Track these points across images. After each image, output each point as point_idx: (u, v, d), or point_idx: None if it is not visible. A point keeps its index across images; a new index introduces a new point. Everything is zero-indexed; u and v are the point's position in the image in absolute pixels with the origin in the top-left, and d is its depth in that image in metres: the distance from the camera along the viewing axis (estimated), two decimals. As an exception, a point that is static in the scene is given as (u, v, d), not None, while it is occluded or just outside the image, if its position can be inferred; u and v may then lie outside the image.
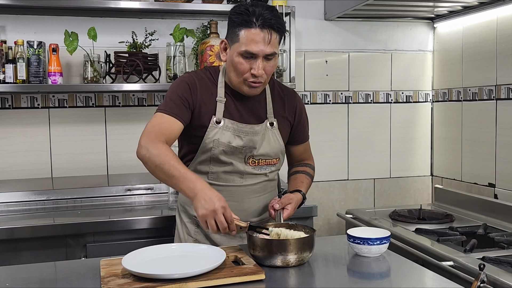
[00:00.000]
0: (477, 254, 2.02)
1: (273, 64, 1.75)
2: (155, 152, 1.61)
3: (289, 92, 1.97)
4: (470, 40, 3.04)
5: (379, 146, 3.40)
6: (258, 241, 1.53)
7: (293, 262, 1.50)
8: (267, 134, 1.84)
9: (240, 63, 1.71)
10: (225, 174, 1.82)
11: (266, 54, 1.69)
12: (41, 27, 2.78)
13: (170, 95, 1.77)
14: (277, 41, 1.71)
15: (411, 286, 1.40)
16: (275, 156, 1.88)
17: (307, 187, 1.96)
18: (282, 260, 1.49)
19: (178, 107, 1.73)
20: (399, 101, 3.41)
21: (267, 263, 1.51)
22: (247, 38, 1.67)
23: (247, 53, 1.69)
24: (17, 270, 1.57)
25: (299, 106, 1.97)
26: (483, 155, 2.95)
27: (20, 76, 2.55)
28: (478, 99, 2.99)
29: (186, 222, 1.92)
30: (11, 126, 2.79)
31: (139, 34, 2.78)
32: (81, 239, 2.27)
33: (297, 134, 1.97)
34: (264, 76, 1.73)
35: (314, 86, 3.25)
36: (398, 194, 3.45)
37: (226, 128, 1.78)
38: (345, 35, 3.28)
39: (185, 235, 1.91)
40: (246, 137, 1.80)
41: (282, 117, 1.90)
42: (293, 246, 1.50)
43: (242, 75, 1.73)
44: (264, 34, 1.66)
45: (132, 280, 1.35)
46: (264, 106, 1.86)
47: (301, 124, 1.97)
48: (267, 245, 1.51)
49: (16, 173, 2.79)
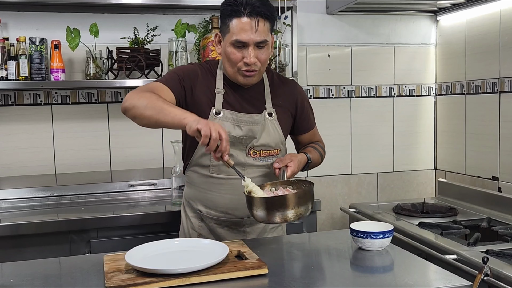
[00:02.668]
0: (480, 248, 2.02)
1: (267, 52, 1.75)
2: (145, 95, 1.61)
3: (288, 82, 1.97)
4: (473, 33, 3.03)
5: (382, 140, 3.39)
6: (254, 200, 1.56)
7: (291, 217, 1.54)
8: (266, 124, 1.84)
9: (232, 53, 1.73)
10: (225, 166, 1.81)
11: (256, 42, 1.70)
12: (43, 23, 2.78)
13: (169, 73, 1.81)
14: (267, 28, 1.72)
15: (414, 279, 1.40)
16: (276, 147, 1.87)
17: (313, 153, 1.94)
18: (280, 217, 1.53)
19: (175, 83, 1.75)
20: (402, 94, 3.40)
21: (266, 221, 1.56)
22: (237, 27, 1.69)
23: (237, 42, 1.70)
24: (21, 266, 1.58)
25: (300, 96, 1.96)
26: (487, 149, 2.94)
27: (23, 73, 2.55)
28: (482, 92, 2.97)
29: (191, 216, 1.92)
30: (14, 123, 2.79)
31: (141, 30, 2.77)
32: (85, 234, 2.28)
33: (301, 123, 1.98)
34: (258, 64, 1.74)
35: (316, 81, 3.24)
36: (401, 188, 3.45)
37: (226, 119, 1.79)
38: (347, 29, 3.27)
39: (190, 230, 1.92)
40: (246, 127, 1.80)
41: (282, 107, 1.89)
42: (290, 201, 1.53)
43: (236, 65, 1.74)
44: (253, 22, 1.68)
45: (136, 275, 1.35)
46: (263, 96, 1.86)
47: (305, 114, 1.97)
48: (263, 203, 1.54)
49: (20, 170, 2.80)
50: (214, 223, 1.89)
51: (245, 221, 1.88)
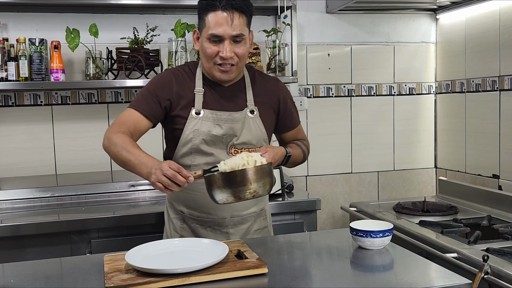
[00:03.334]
0: (481, 246, 2.02)
1: (244, 47, 1.74)
2: (114, 141, 1.66)
3: (271, 80, 1.95)
4: (473, 31, 3.03)
5: (383, 139, 3.39)
6: (206, 179, 1.52)
7: (247, 195, 1.50)
8: (247, 121, 1.82)
9: (208, 48, 1.72)
10: (208, 165, 1.75)
11: (232, 35, 1.69)
12: (43, 24, 2.78)
13: (142, 91, 1.81)
14: (242, 22, 1.70)
15: (414, 278, 1.40)
16: (258, 144, 1.84)
17: (294, 148, 1.88)
18: (233, 194, 1.49)
19: (148, 103, 1.76)
20: (402, 93, 3.39)
21: (220, 200, 1.52)
22: (212, 21, 1.68)
23: (213, 36, 1.69)
24: (22, 266, 1.58)
25: (283, 94, 1.93)
26: (487, 147, 2.94)
27: (23, 74, 2.55)
28: (482, 90, 2.97)
29: (173, 218, 1.91)
30: (14, 123, 2.80)
31: (141, 30, 2.77)
32: (85, 235, 2.28)
33: (285, 121, 1.94)
34: (234, 59, 1.72)
35: (316, 80, 3.24)
36: (402, 187, 3.45)
37: (206, 119, 1.78)
38: (347, 28, 3.26)
39: (172, 231, 1.91)
40: (226, 125, 1.79)
41: (264, 105, 1.87)
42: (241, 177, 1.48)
43: (212, 60, 1.73)
44: (227, 16, 1.67)
45: (136, 275, 1.35)
46: (244, 94, 1.85)
47: (288, 111, 1.94)
48: (213, 181, 1.51)
49: (20, 171, 2.80)
50: (197, 224, 1.87)
51: (228, 221, 1.86)
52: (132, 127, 1.73)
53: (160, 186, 1.51)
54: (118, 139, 1.66)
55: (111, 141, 1.67)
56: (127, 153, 1.62)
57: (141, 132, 1.77)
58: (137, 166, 1.59)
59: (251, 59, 2.87)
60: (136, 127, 1.75)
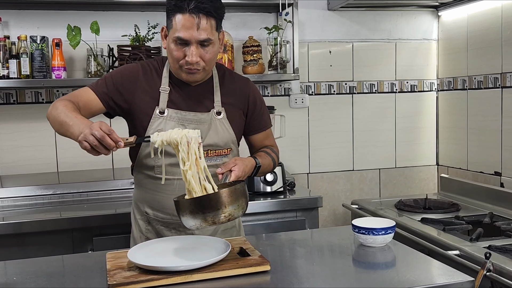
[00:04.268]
0: (483, 243, 2.02)
1: (212, 51, 1.67)
2: (57, 106, 1.62)
3: (240, 80, 1.88)
4: (475, 28, 3.02)
5: (384, 136, 3.39)
6: (180, 203, 1.41)
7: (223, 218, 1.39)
8: (213, 123, 1.76)
9: (174, 50, 1.65)
10: (171, 167, 1.70)
11: (198, 40, 1.62)
12: (44, 22, 2.78)
13: (105, 76, 1.77)
14: (210, 26, 1.63)
15: (416, 275, 1.40)
16: (225, 146, 1.80)
17: (263, 157, 1.81)
18: (207, 219, 1.38)
19: (107, 87, 1.72)
20: (404, 90, 3.39)
21: (192, 226, 1.41)
22: (179, 24, 1.61)
23: (179, 39, 1.63)
24: (24, 264, 1.58)
25: (252, 94, 1.86)
26: (489, 144, 2.94)
27: (24, 71, 2.55)
28: (484, 88, 2.97)
29: (138, 219, 1.86)
30: (16, 121, 2.80)
31: (142, 27, 2.77)
32: (87, 232, 2.28)
33: (253, 122, 1.88)
34: (201, 64, 1.66)
35: (318, 77, 3.23)
36: (403, 184, 3.44)
37: (170, 118, 1.73)
38: (348, 25, 3.26)
39: (138, 233, 1.86)
40: (191, 126, 1.72)
41: (232, 106, 1.81)
42: (220, 199, 1.38)
43: (178, 62, 1.68)
44: (194, 19, 1.60)
45: (138, 272, 1.35)
46: (211, 94, 1.79)
47: (256, 112, 1.87)
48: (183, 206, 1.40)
49: (22, 168, 2.81)
50: (161, 226, 1.81)
51: None
52: (83, 102, 1.68)
53: (86, 145, 1.44)
54: (61, 105, 1.61)
55: (55, 106, 1.63)
56: (65, 116, 1.57)
57: (90, 111, 1.71)
58: (70, 127, 1.53)
59: (253, 56, 2.87)
60: (87, 104, 1.69)
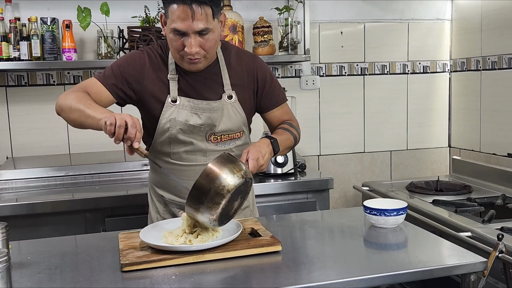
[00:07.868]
0: (495, 225, 2.01)
1: (211, 38, 1.61)
2: (72, 96, 1.58)
3: (247, 57, 1.82)
4: (489, 7, 2.96)
5: (396, 118, 3.36)
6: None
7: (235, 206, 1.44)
8: (226, 109, 1.73)
9: (173, 40, 1.61)
10: (187, 153, 1.73)
11: (195, 30, 1.56)
12: (54, 3, 2.77)
13: (112, 66, 1.72)
14: (206, 15, 1.56)
15: (428, 256, 1.40)
16: (238, 130, 1.78)
17: (279, 134, 1.77)
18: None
19: (113, 78, 1.68)
20: (416, 71, 3.35)
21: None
22: (174, 15, 1.56)
23: (175, 31, 1.58)
24: (38, 243, 1.60)
25: (261, 70, 1.80)
26: (502, 125, 2.90)
27: (35, 53, 2.55)
28: (498, 68, 2.92)
29: (156, 200, 1.87)
30: (28, 103, 2.81)
31: (152, 8, 2.75)
32: (99, 213, 2.30)
33: (265, 99, 1.83)
34: (201, 52, 1.62)
35: (329, 58, 3.20)
36: (415, 166, 3.43)
37: (183, 107, 1.70)
38: (360, 5, 3.21)
39: (155, 214, 1.87)
40: (204, 114, 1.70)
41: (242, 86, 1.77)
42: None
43: (178, 52, 1.63)
44: (189, 10, 1.53)
45: (150, 252, 1.36)
46: (220, 77, 1.74)
47: (267, 88, 1.81)
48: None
49: (35, 150, 2.83)
50: (177, 208, 1.81)
51: None
52: (93, 94, 1.63)
53: (112, 122, 1.41)
54: (76, 95, 1.58)
55: (67, 97, 1.59)
56: (84, 104, 1.53)
57: (101, 103, 1.65)
58: (92, 113, 1.50)
59: (263, 37, 2.85)
60: (97, 96, 1.64)
